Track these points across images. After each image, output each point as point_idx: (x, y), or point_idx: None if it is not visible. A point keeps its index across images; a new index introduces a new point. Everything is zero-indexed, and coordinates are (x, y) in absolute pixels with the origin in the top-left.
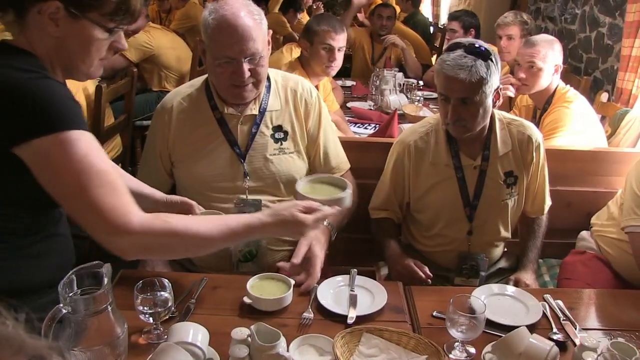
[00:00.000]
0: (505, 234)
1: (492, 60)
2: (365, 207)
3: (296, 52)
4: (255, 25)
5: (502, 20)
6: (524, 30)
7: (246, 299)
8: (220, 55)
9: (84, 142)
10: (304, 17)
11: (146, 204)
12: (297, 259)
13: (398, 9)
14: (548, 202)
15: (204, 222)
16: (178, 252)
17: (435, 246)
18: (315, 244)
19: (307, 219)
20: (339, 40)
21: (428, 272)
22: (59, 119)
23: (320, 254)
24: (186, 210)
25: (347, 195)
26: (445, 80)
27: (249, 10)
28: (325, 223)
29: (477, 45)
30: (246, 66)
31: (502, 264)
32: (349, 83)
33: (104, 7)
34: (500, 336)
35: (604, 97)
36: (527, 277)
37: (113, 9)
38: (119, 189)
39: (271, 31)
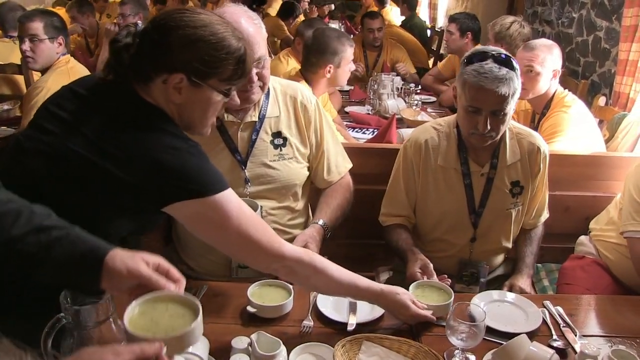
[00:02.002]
0: (507, 243)
1: (517, 69)
2: (364, 212)
3: (292, 60)
4: (257, 30)
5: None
6: (494, 35)
7: (250, 308)
8: None
9: (233, 199)
10: (299, 18)
11: None
12: None
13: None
14: (545, 215)
15: (338, 270)
16: (311, 284)
17: (436, 251)
18: (311, 241)
19: (414, 310)
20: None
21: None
22: (211, 184)
23: (315, 250)
24: None
25: (451, 302)
26: (480, 93)
27: (248, 16)
28: (320, 222)
29: (503, 55)
30: (253, 70)
31: (501, 271)
32: (346, 87)
33: (222, 74)
34: (501, 343)
35: (601, 101)
36: (523, 281)
37: (230, 74)
38: (266, 226)
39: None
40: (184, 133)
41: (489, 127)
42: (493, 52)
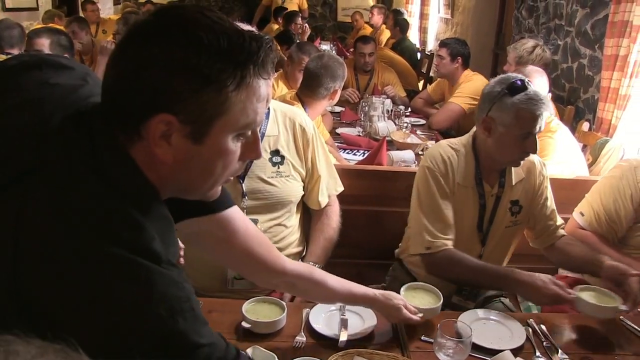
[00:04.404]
0: (507, 260)
1: None
2: (354, 233)
3: (281, 84)
4: None
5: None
6: (516, 60)
7: (244, 324)
8: None
9: (239, 216)
10: None
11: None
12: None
13: (388, 34)
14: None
15: (335, 281)
16: (311, 296)
17: None
18: None
19: (405, 313)
20: None
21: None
22: (219, 202)
23: None
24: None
25: (439, 306)
26: (536, 118)
27: None
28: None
29: (526, 80)
30: None
31: (493, 290)
32: (337, 109)
33: None
34: (486, 359)
35: (585, 126)
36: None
37: None
38: (269, 242)
39: None
40: None
41: (537, 146)
42: (522, 79)
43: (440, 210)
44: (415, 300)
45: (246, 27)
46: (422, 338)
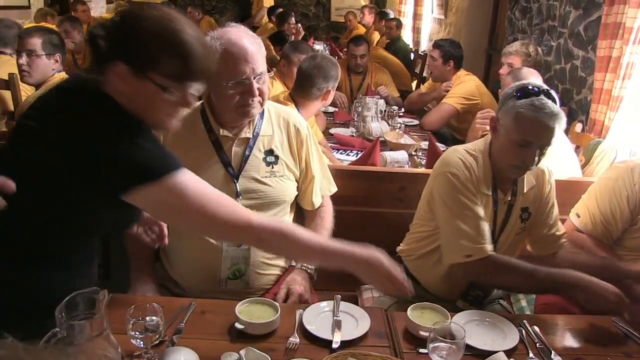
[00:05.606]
0: None
1: None
2: (346, 233)
3: (277, 83)
4: (258, 49)
5: (506, 49)
6: (524, 62)
7: (238, 325)
8: (232, 76)
9: (190, 179)
10: None
11: None
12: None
13: (378, 36)
14: (563, 232)
15: (308, 234)
16: (284, 252)
17: (455, 272)
18: (292, 283)
19: (399, 277)
20: None
21: None
22: (159, 167)
23: (297, 289)
24: None
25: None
26: (537, 127)
27: (250, 35)
28: (303, 266)
29: (551, 91)
30: (255, 85)
31: (496, 294)
32: (331, 109)
33: (163, 68)
34: None
35: (578, 127)
36: None
37: (172, 69)
38: (228, 199)
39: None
40: (134, 120)
41: (536, 160)
42: (543, 88)
43: (476, 215)
44: (423, 319)
45: (241, 27)
46: None
